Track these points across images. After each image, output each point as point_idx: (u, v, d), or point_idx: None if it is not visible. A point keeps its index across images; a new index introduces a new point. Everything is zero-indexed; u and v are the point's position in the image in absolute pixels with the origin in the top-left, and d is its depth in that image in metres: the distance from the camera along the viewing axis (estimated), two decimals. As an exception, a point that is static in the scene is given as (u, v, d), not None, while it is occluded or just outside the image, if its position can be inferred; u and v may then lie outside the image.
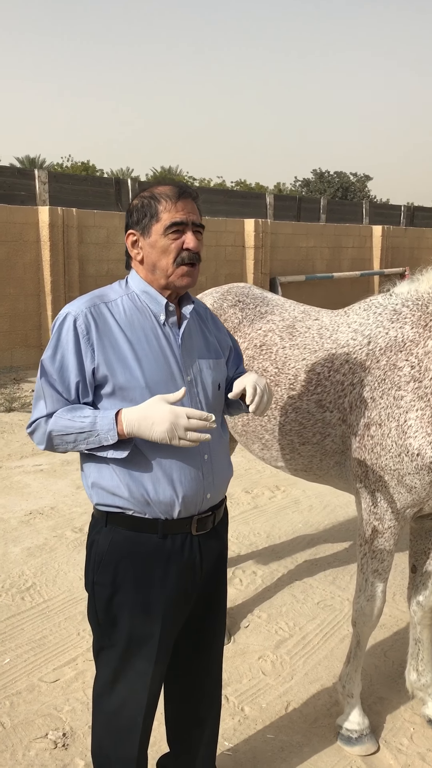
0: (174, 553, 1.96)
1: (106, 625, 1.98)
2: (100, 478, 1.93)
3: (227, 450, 2.13)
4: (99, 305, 1.92)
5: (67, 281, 10.30)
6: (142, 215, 1.93)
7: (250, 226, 13.22)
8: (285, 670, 3.18)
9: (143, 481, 1.90)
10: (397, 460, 2.47)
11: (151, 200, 1.92)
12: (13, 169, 12.20)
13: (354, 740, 2.69)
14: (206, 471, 1.98)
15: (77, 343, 1.87)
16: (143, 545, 1.93)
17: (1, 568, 4.08)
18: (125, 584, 1.94)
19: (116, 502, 1.93)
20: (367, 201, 19.95)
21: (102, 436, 1.82)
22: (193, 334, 2.05)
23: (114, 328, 1.90)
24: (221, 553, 2.14)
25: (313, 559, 4.30)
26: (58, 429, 1.86)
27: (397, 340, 2.57)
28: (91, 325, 1.87)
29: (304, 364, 2.79)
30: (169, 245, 1.91)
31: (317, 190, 36.15)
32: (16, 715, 2.83)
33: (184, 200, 1.92)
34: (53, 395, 1.89)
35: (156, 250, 1.92)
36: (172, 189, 1.93)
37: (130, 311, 1.94)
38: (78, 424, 1.83)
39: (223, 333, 2.23)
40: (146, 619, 1.95)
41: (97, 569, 1.97)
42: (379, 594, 2.64)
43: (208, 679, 2.22)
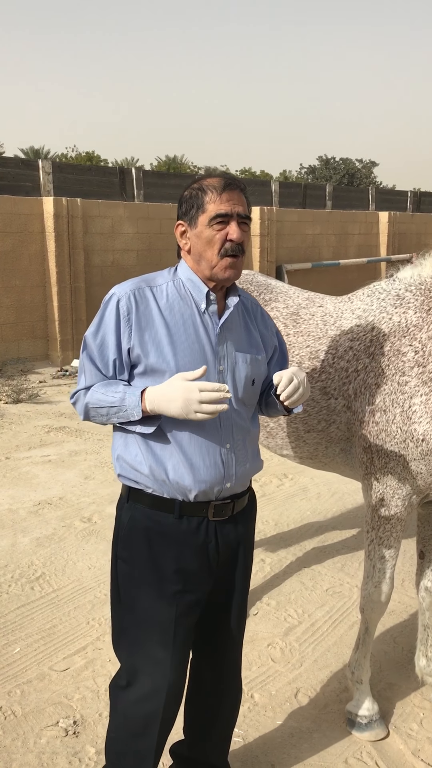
0: (189, 534, 1.98)
1: (124, 607, 2.04)
2: (125, 452, 2.00)
3: (255, 443, 2.14)
4: (144, 288, 1.97)
5: (72, 272, 10.29)
6: (189, 206, 1.96)
7: (256, 213, 13.14)
8: (294, 656, 3.19)
9: (164, 460, 1.95)
10: (403, 446, 2.46)
11: (198, 191, 1.95)
12: (17, 160, 12.16)
13: (364, 726, 2.69)
14: (227, 460, 1.99)
15: (118, 322, 1.93)
16: (159, 523, 1.98)
17: (11, 558, 4.10)
18: (141, 561, 1.99)
19: (137, 477, 1.99)
20: (374, 187, 19.83)
21: (129, 412, 1.89)
22: (234, 326, 2.06)
23: (154, 312, 1.95)
24: (241, 542, 2.12)
25: (322, 546, 4.30)
26: (94, 402, 1.95)
27: (400, 325, 2.55)
28: (132, 306, 1.93)
29: (308, 351, 2.78)
30: (214, 236, 1.93)
31: (323, 177, 35.95)
32: (27, 703, 2.86)
33: (230, 191, 1.93)
34: (92, 370, 1.98)
35: (201, 240, 1.95)
36: (219, 180, 1.95)
37: (173, 297, 1.98)
38: (110, 399, 1.91)
39: (271, 331, 2.22)
40: (159, 601, 1.98)
41: (118, 544, 2.06)
42: (387, 580, 2.64)
43: (224, 671, 2.21)
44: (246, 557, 2.16)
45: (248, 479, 2.11)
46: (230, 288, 2.07)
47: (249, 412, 2.10)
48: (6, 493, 5.17)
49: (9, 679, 3.01)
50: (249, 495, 2.17)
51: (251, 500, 2.20)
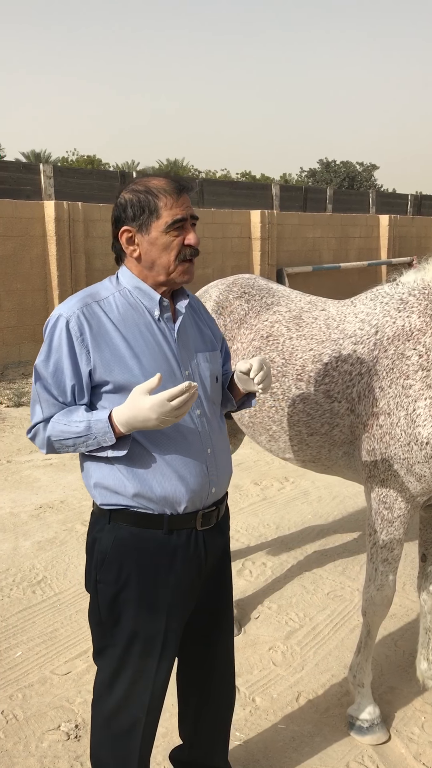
0: (179, 548, 1.94)
1: (108, 624, 1.95)
2: (102, 477, 1.91)
3: (228, 444, 2.12)
4: (91, 305, 1.88)
5: (73, 275, 10.29)
6: (139, 211, 1.87)
7: (256, 217, 13.16)
8: (295, 660, 3.19)
9: (148, 477, 1.88)
10: (407, 449, 2.47)
11: (148, 195, 1.87)
12: (18, 164, 12.17)
13: (365, 730, 2.69)
14: (210, 465, 1.97)
15: (71, 345, 1.83)
16: (148, 541, 1.91)
17: (12, 561, 4.10)
18: (130, 581, 1.91)
19: (121, 501, 1.91)
20: (374, 190, 19.83)
21: (99, 439, 1.81)
22: (188, 328, 2.03)
23: (108, 327, 1.86)
24: (225, 548, 2.14)
25: (323, 550, 4.30)
26: (56, 434, 1.85)
27: (404, 329, 2.56)
28: (84, 326, 1.84)
29: (312, 355, 2.79)
30: (171, 242, 1.88)
31: (323, 180, 35.98)
32: (28, 707, 2.85)
33: (184, 194, 1.90)
34: (48, 399, 1.87)
35: (156, 247, 1.89)
36: (170, 184, 1.89)
37: (124, 308, 1.91)
38: (74, 429, 1.82)
39: (215, 325, 2.21)
40: (151, 616, 1.93)
41: (100, 567, 1.94)
42: (389, 584, 2.64)
43: (217, 673, 2.21)
44: (228, 559, 2.19)
45: (228, 482, 2.10)
46: (176, 291, 2.02)
47: (218, 410, 2.09)
48: (7, 497, 5.17)
49: (11, 682, 3.01)
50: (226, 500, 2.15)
51: (226, 506, 2.18)
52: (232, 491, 5.25)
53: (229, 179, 34.39)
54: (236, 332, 3.10)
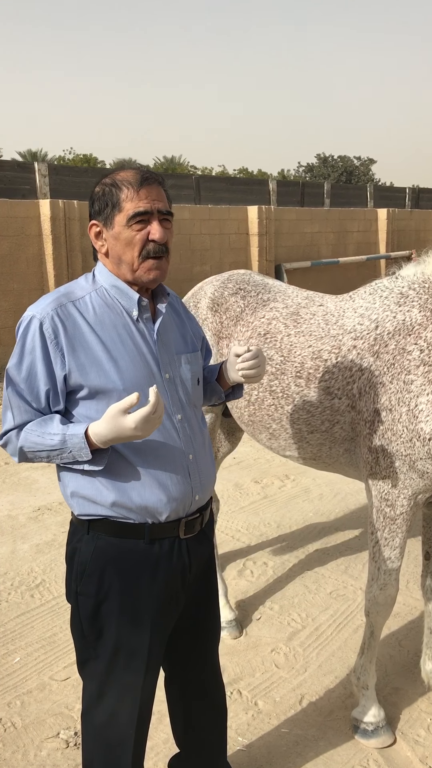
0: (162, 558, 1.87)
1: (91, 637, 1.88)
2: (79, 487, 1.83)
3: (210, 448, 2.03)
4: (66, 305, 1.77)
5: (70, 275, 10.23)
6: (103, 204, 1.78)
7: (254, 213, 13.08)
8: (298, 662, 3.14)
9: (127, 486, 1.80)
10: (409, 445, 2.42)
11: (112, 188, 1.77)
12: (13, 163, 12.10)
13: (370, 733, 2.64)
14: (193, 471, 1.89)
15: (45, 348, 1.74)
16: (130, 552, 1.83)
17: (10, 565, 4.04)
18: (112, 593, 1.84)
19: (99, 511, 1.82)
20: (372, 184, 19.77)
21: (75, 453, 1.73)
22: (168, 328, 1.94)
23: (84, 330, 1.77)
24: (210, 554, 2.06)
25: (325, 549, 4.25)
26: (29, 446, 1.77)
27: (405, 323, 2.50)
28: (59, 328, 1.74)
29: (311, 351, 2.73)
30: (133, 237, 1.76)
31: (321, 175, 35.93)
32: (27, 714, 2.80)
33: (148, 186, 1.77)
34: (21, 405, 1.78)
35: (120, 242, 1.78)
36: (134, 174, 1.77)
37: (101, 309, 1.80)
38: (48, 442, 1.74)
39: (195, 323, 2.12)
40: (135, 628, 1.86)
41: (80, 579, 1.86)
42: (392, 582, 2.59)
43: (205, 681, 2.15)
44: (214, 565, 2.12)
45: (212, 487, 2.02)
46: (157, 289, 1.92)
47: (199, 413, 2.01)
48: (5, 499, 5.12)
49: (9, 689, 2.95)
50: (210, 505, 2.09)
51: (212, 510, 2.12)
52: (233, 490, 5.20)
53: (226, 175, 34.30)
54: (232, 329, 3.04)
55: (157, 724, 2.63)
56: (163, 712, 2.73)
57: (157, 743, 2.60)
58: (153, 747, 2.49)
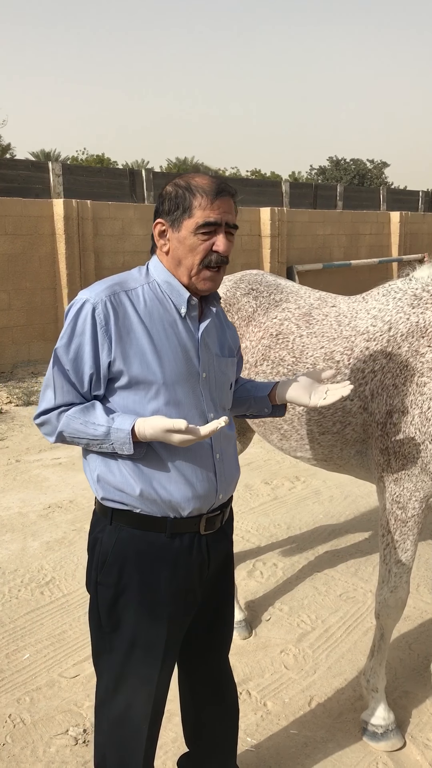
0: (182, 553, 1.88)
1: (108, 629, 1.90)
2: (107, 473, 1.85)
3: (236, 449, 2.07)
4: (119, 293, 1.80)
5: (82, 274, 10.27)
6: (174, 206, 1.79)
7: (266, 214, 13.09)
8: (308, 663, 3.13)
9: (154, 478, 1.82)
10: (421, 447, 2.41)
11: (186, 192, 1.78)
12: (27, 162, 12.14)
13: (379, 736, 2.63)
14: (219, 471, 1.92)
15: (94, 333, 1.76)
16: (151, 544, 1.85)
17: (21, 562, 4.06)
18: (131, 585, 1.86)
19: (124, 499, 1.84)
20: (385, 187, 19.70)
21: (117, 446, 1.76)
22: (212, 331, 1.97)
23: (134, 320, 1.79)
24: (228, 552, 2.09)
25: (335, 551, 4.24)
26: (70, 431, 1.80)
27: (419, 325, 2.49)
28: (110, 314, 1.76)
29: (323, 353, 2.72)
30: (198, 245, 1.78)
31: (333, 178, 35.85)
32: (36, 711, 2.81)
33: (223, 198, 1.78)
34: (64, 386, 1.80)
35: (184, 246, 1.80)
36: (211, 184, 1.79)
37: (151, 302, 1.83)
38: (91, 431, 1.77)
39: (234, 332, 2.14)
40: (152, 622, 1.88)
41: (101, 569, 1.89)
42: (402, 585, 2.58)
43: (217, 680, 2.15)
44: (231, 563, 2.13)
45: (234, 486, 2.04)
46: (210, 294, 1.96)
47: (229, 417, 2.02)
48: (16, 497, 5.14)
49: (18, 686, 2.97)
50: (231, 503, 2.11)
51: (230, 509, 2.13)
52: (243, 491, 5.20)
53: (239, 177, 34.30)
54: (244, 330, 3.04)
55: (165, 722, 2.63)
56: (172, 711, 2.74)
57: (165, 742, 2.60)
58: (162, 746, 2.49)
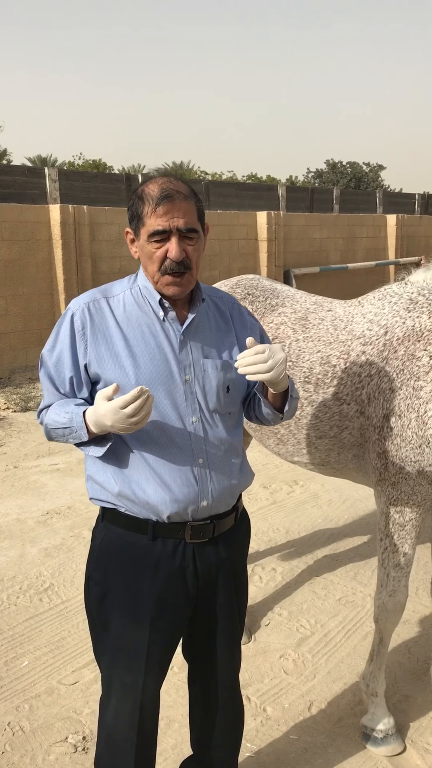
0: (164, 557, 1.88)
1: (100, 627, 1.96)
2: (94, 472, 1.92)
3: (235, 457, 1.98)
4: (99, 300, 1.88)
5: (80, 279, 10.27)
6: (132, 215, 1.83)
7: (263, 218, 13.10)
8: (307, 668, 3.13)
9: (132, 479, 1.86)
10: (418, 451, 2.41)
11: (138, 200, 1.80)
12: (23, 168, 12.16)
13: (380, 740, 2.62)
14: (201, 477, 1.88)
15: (73, 338, 1.85)
16: (132, 545, 1.89)
17: (19, 569, 4.05)
18: (116, 584, 1.90)
19: (107, 498, 1.91)
20: (381, 190, 19.74)
21: (78, 433, 1.81)
22: (202, 331, 1.92)
23: (110, 324, 1.85)
24: (223, 567, 1.97)
25: (334, 555, 4.23)
26: (50, 423, 1.88)
27: (414, 329, 2.50)
28: (87, 320, 1.85)
29: (319, 357, 2.73)
30: (153, 253, 1.80)
31: (330, 181, 35.92)
32: (35, 718, 2.80)
33: (168, 203, 1.75)
34: (50, 388, 1.90)
35: (143, 254, 1.83)
36: (156, 189, 1.77)
37: (130, 307, 1.88)
38: (61, 419, 1.83)
39: (249, 330, 2.03)
40: (134, 624, 1.89)
41: (92, 565, 1.96)
42: (401, 589, 2.57)
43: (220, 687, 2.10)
44: (228, 583, 2.00)
45: (232, 497, 1.97)
46: (195, 292, 1.93)
47: (227, 421, 1.95)
48: (14, 503, 5.13)
49: (17, 693, 2.96)
50: (239, 516, 2.04)
51: (242, 522, 2.07)
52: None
53: (235, 181, 34.36)
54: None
55: (165, 729, 2.63)
56: (171, 717, 2.73)
57: (165, 748, 2.59)
58: (161, 752, 2.49)
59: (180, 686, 2.88)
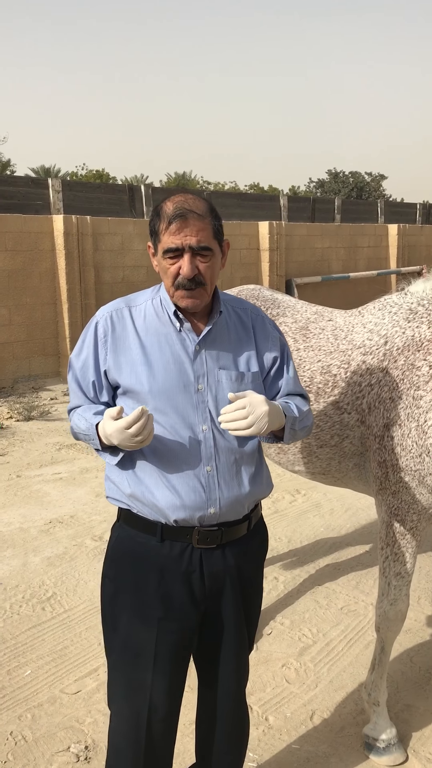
0: (171, 560, 1.92)
1: (109, 625, 2.01)
2: (110, 472, 2.00)
3: (248, 466, 1.98)
4: (122, 309, 1.96)
5: (83, 289, 10.32)
6: (151, 230, 1.91)
7: (265, 228, 13.16)
8: (309, 677, 3.13)
9: (143, 482, 1.92)
10: (418, 460, 2.42)
11: (156, 217, 1.87)
12: (26, 178, 12.23)
13: (382, 750, 2.62)
14: (209, 485, 1.90)
15: (96, 345, 1.94)
16: (142, 545, 1.94)
17: (22, 578, 4.06)
18: (126, 582, 1.96)
19: (121, 498, 1.97)
20: (382, 200, 19.80)
21: (94, 442, 1.90)
22: (219, 342, 1.95)
23: (130, 333, 1.93)
24: (232, 574, 1.97)
25: (336, 564, 4.24)
26: (74, 426, 1.99)
27: (414, 339, 2.52)
28: (109, 329, 1.93)
29: (320, 366, 2.75)
30: (168, 268, 1.86)
31: (332, 191, 36.04)
32: (37, 728, 2.81)
33: (181, 221, 1.80)
34: (76, 391, 2.00)
35: (160, 268, 1.90)
36: (171, 207, 1.82)
37: (150, 317, 1.95)
38: (83, 425, 1.93)
39: (270, 343, 2.05)
40: (142, 626, 1.94)
41: (106, 562, 2.04)
42: (402, 598, 2.58)
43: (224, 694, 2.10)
44: (236, 591, 1.99)
45: (242, 506, 1.97)
46: (214, 303, 1.97)
47: None
48: (17, 512, 5.14)
49: (20, 702, 2.96)
50: (253, 525, 2.04)
51: (256, 532, 2.07)
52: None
53: (237, 191, 34.49)
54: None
55: (167, 738, 2.63)
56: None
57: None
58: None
59: (185, 694, 2.88)
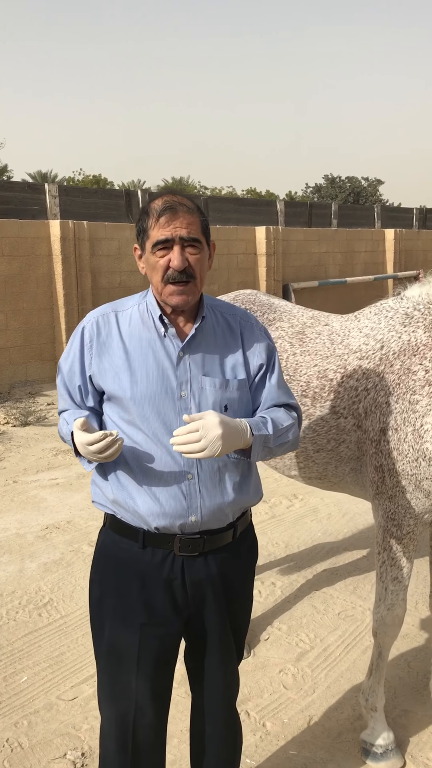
0: (153, 566, 1.92)
1: (96, 627, 2.02)
2: (96, 476, 2.01)
3: (232, 474, 1.94)
4: (109, 314, 1.97)
5: (79, 294, 10.32)
6: (138, 230, 1.92)
7: (261, 233, 13.19)
8: (306, 683, 3.12)
9: (125, 488, 1.92)
10: (415, 464, 2.42)
11: (144, 215, 1.89)
12: (23, 184, 12.26)
13: (379, 756, 2.61)
14: (190, 493, 1.88)
15: (82, 350, 1.95)
16: (124, 551, 1.95)
17: (18, 584, 4.05)
18: (110, 587, 1.97)
19: (105, 503, 1.99)
20: (379, 205, 19.85)
21: (72, 447, 1.90)
22: (204, 348, 1.93)
23: (115, 338, 1.93)
24: (214, 582, 1.95)
25: (333, 569, 4.23)
26: (59, 429, 2.02)
27: (410, 344, 2.52)
28: (95, 334, 1.94)
29: (316, 371, 2.75)
30: (157, 263, 1.86)
31: (328, 196, 36.11)
32: (34, 734, 2.79)
33: (171, 214, 1.82)
34: (63, 394, 2.01)
35: (149, 266, 1.90)
36: (160, 202, 1.85)
37: (135, 322, 1.94)
38: (64, 429, 1.96)
39: (258, 349, 2.00)
40: (125, 629, 1.95)
41: (93, 566, 2.05)
42: (399, 602, 2.58)
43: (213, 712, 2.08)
44: (219, 600, 1.97)
45: (225, 514, 1.94)
46: (200, 307, 1.95)
47: None
48: (13, 518, 5.13)
49: (16, 709, 2.95)
50: (239, 533, 2.01)
51: (243, 540, 2.04)
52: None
53: (235, 196, 34.56)
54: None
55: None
56: (171, 732, 2.71)
57: (163, 764, 2.58)
58: None
59: (180, 701, 2.87)
